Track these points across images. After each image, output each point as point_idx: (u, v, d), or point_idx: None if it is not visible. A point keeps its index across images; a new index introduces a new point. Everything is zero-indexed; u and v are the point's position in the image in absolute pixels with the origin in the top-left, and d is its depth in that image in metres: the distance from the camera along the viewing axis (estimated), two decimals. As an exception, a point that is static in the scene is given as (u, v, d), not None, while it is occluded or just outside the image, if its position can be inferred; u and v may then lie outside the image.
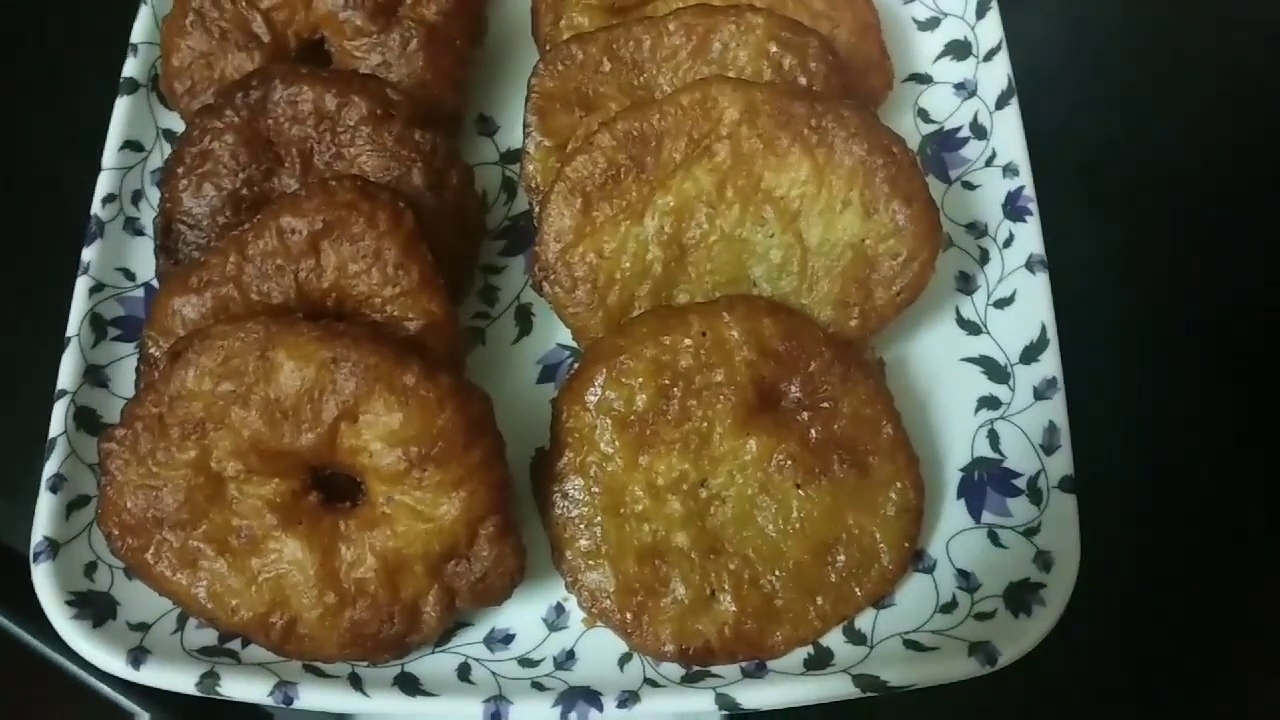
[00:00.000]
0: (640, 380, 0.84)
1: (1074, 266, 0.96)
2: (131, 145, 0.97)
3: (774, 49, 0.92)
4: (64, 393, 0.86)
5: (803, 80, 0.92)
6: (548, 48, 0.97)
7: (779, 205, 0.88)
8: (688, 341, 0.84)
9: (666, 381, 0.84)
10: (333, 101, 0.86)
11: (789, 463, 0.83)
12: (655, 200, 0.88)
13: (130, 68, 0.98)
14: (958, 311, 0.95)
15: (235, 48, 0.91)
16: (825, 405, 0.85)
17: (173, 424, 0.76)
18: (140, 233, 0.95)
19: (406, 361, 0.76)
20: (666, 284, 0.89)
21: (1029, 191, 0.95)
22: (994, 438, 0.90)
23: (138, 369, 0.83)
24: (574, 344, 0.93)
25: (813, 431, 0.84)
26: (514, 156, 1.02)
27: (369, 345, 0.75)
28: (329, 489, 0.80)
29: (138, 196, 0.96)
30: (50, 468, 0.83)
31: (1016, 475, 0.87)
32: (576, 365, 0.92)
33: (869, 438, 0.85)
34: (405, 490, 0.77)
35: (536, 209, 0.93)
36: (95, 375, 0.88)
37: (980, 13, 1.03)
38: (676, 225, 0.88)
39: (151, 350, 0.81)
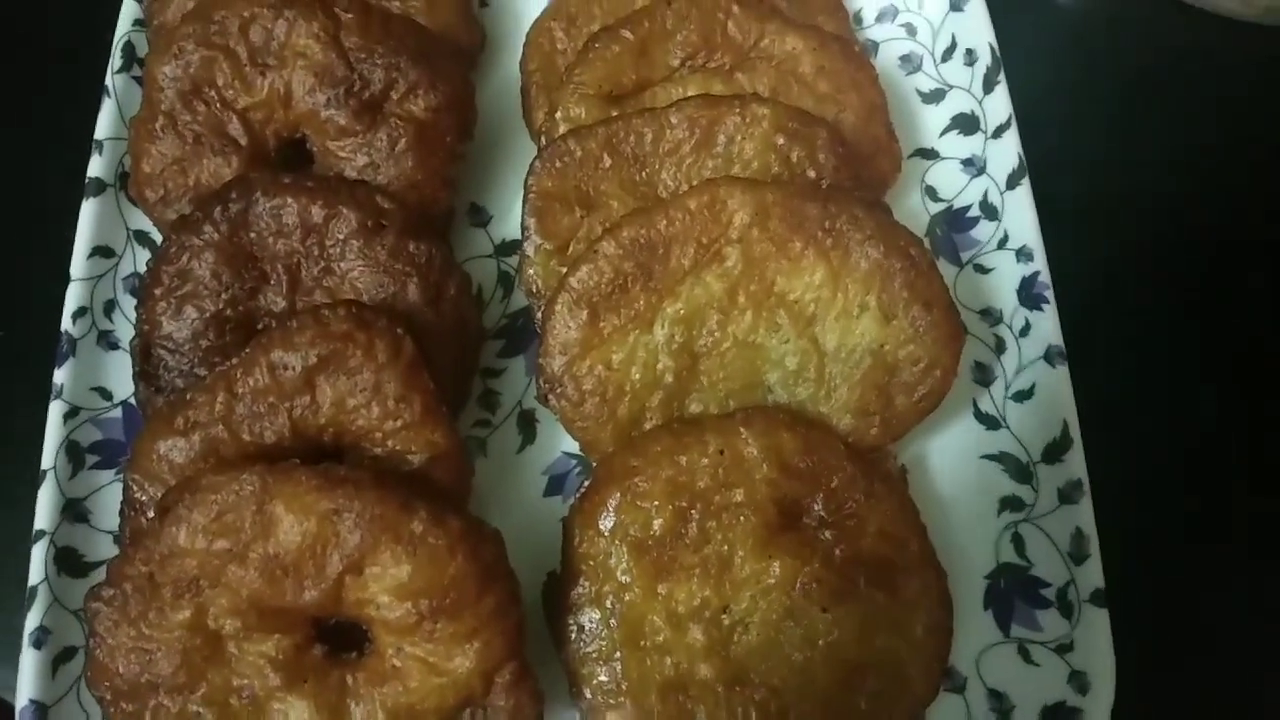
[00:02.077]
0: (656, 503, 0.80)
1: (1093, 355, 0.93)
2: (101, 251, 0.91)
3: (781, 141, 0.88)
4: (42, 533, 0.81)
5: (811, 173, 0.88)
6: (543, 141, 0.92)
7: (793, 310, 0.84)
8: (705, 461, 0.80)
9: (684, 503, 0.80)
10: (320, 213, 0.81)
11: (814, 585, 0.80)
12: (664, 308, 0.84)
13: (96, 167, 0.92)
14: (975, 405, 0.92)
15: (210, 152, 0.85)
16: (849, 522, 0.81)
17: (164, 583, 0.71)
18: (115, 346, 0.89)
19: (413, 507, 0.71)
20: (679, 393, 0.85)
21: (1045, 278, 0.93)
22: (1019, 542, 0.87)
23: (121, 509, 0.78)
24: (581, 452, 0.89)
25: (837, 551, 0.81)
26: (509, 248, 0.97)
27: (372, 492, 0.71)
28: (333, 635, 0.76)
29: (110, 307, 0.90)
30: (32, 620, 0.78)
31: (1045, 585, 0.84)
32: (586, 480, 0.88)
33: (895, 554, 0.82)
34: (416, 642, 0.72)
35: (538, 314, 0.89)
36: (74, 510, 0.83)
37: (988, 87, 0.99)
38: (687, 333, 0.84)
39: (136, 494, 0.76)
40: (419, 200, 0.87)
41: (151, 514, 0.76)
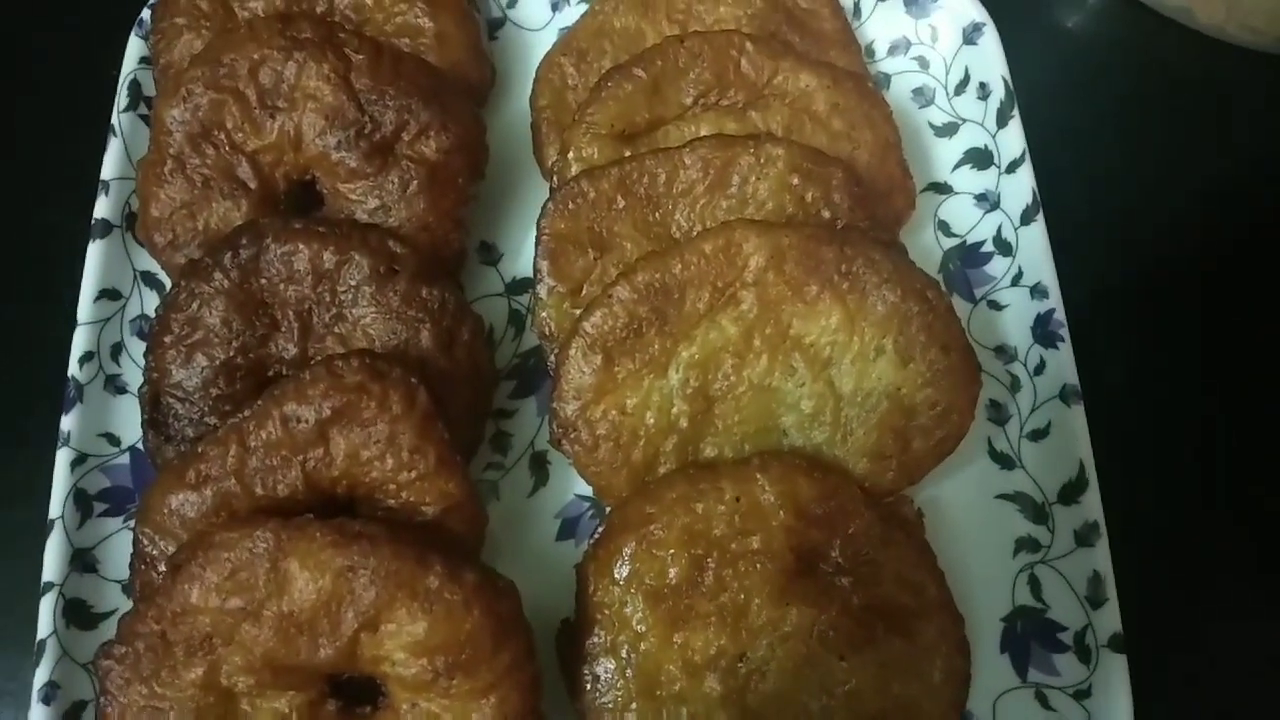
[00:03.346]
0: (672, 551, 0.79)
1: (1107, 390, 0.92)
2: (108, 294, 0.90)
3: (796, 181, 0.87)
4: (50, 585, 0.80)
5: (826, 213, 0.88)
6: (555, 181, 0.91)
7: (809, 354, 0.83)
8: (721, 508, 0.80)
9: (700, 551, 0.79)
10: (331, 259, 0.80)
11: (832, 633, 0.79)
12: (679, 352, 0.83)
13: (103, 208, 0.91)
14: (990, 444, 0.91)
15: (220, 195, 0.84)
16: (866, 568, 0.81)
17: (177, 641, 0.70)
18: (123, 391, 0.88)
19: (428, 562, 0.71)
20: (693, 438, 0.84)
21: (1060, 315, 0.92)
22: (1035, 584, 0.86)
23: (131, 562, 0.77)
24: (593, 495, 0.88)
25: (855, 597, 0.80)
26: (520, 286, 0.96)
27: (388, 548, 0.70)
28: (346, 688, 0.75)
29: (117, 350, 0.89)
30: (41, 675, 0.77)
31: (1062, 629, 0.84)
32: (599, 524, 0.87)
33: (912, 600, 0.81)
34: (432, 699, 0.72)
35: (551, 356, 0.88)
36: (83, 560, 0.82)
37: (1001, 121, 0.99)
38: (702, 377, 0.83)
39: (146, 547, 0.75)
40: (431, 242, 0.86)
41: (162, 567, 0.75)
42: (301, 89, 0.84)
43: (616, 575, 0.80)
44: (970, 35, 1.01)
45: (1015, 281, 0.95)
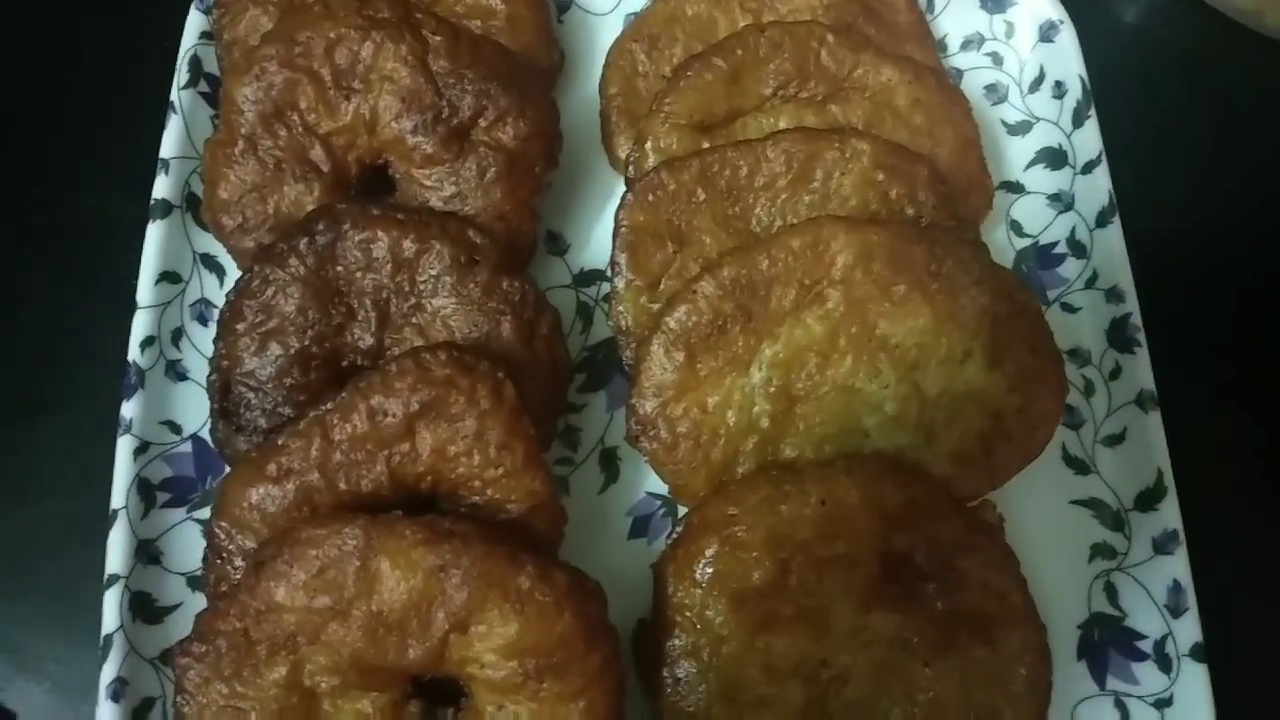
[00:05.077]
0: (756, 554, 0.78)
1: (1182, 398, 0.91)
2: (168, 277, 0.87)
3: (881, 177, 0.86)
4: (116, 578, 0.77)
5: (910, 211, 0.86)
6: (631, 172, 0.89)
7: (895, 355, 0.82)
8: (806, 511, 0.78)
9: (784, 555, 0.78)
10: (411, 247, 0.78)
11: (915, 639, 0.78)
12: (763, 350, 0.81)
13: (162, 188, 0.88)
14: (1064, 448, 0.90)
15: (291, 179, 0.82)
16: (951, 575, 0.79)
17: (260, 640, 0.68)
18: (184, 377, 0.86)
19: (519, 562, 0.69)
20: (773, 438, 0.83)
21: (1136, 320, 0.91)
22: (1111, 591, 0.86)
23: (205, 555, 0.74)
24: (664, 492, 0.86)
25: (939, 604, 0.79)
26: (588, 278, 0.94)
27: (480, 547, 0.68)
28: (427, 688, 0.73)
29: (178, 335, 0.86)
30: (109, 671, 0.74)
31: (1140, 637, 0.83)
32: (672, 523, 0.86)
33: (996, 607, 0.80)
34: (520, 701, 0.70)
35: (626, 351, 0.86)
36: (147, 551, 0.79)
37: (1077, 121, 0.97)
38: (785, 376, 0.82)
39: (222, 541, 0.72)
40: (506, 232, 0.83)
41: (239, 562, 0.72)
42: (378, 70, 0.81)
43: (698, 577, 0.78)
44: (1047, 33, 1.00)
45: (1089, 284, 0.94)
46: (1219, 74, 1.13)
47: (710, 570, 0.78)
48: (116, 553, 0.78)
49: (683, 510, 0.86)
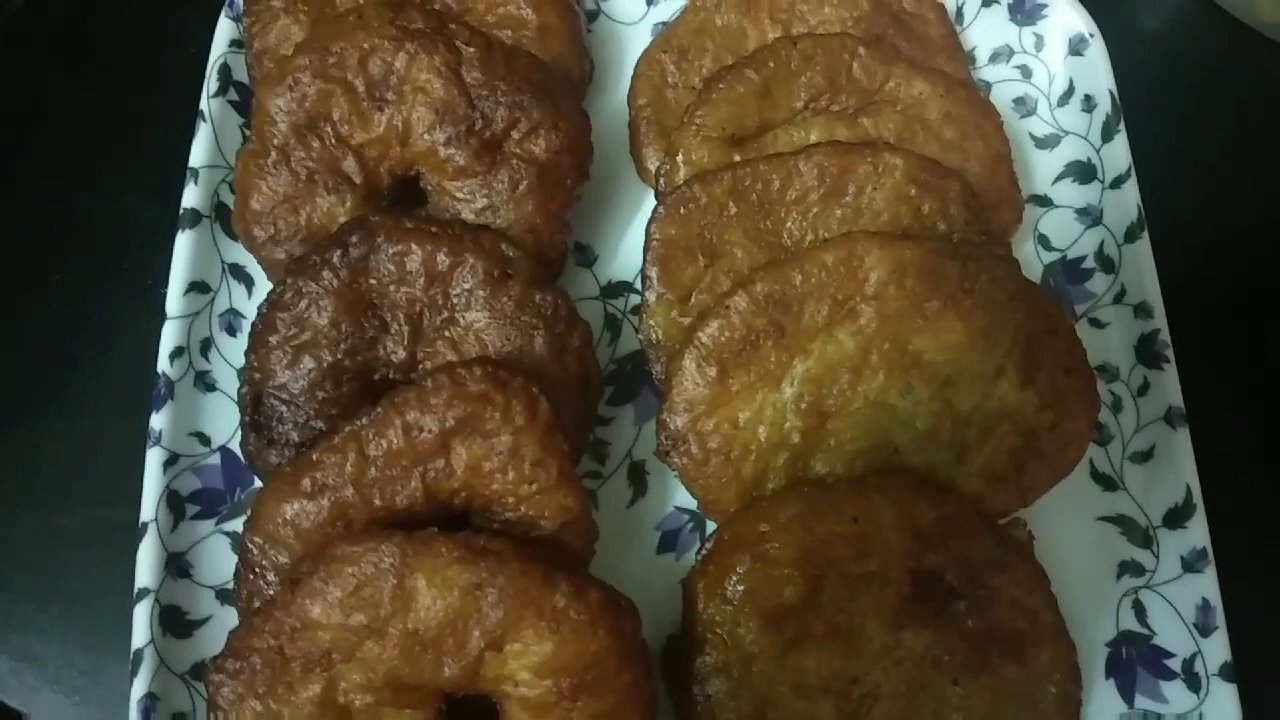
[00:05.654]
0: (787, 571, 0.77)
1: (1210, 415, 0.91)
2: (197, 287, 0.87)
3: (913, 192, 0.85)
4: (146, 591, 0.77)
5: (942, 226, 0.86)
6: (662, 184, 0.88)
7: (927, 371, 0.82)
8: (839, 529, 0.78)
9: (816, 572, 0.78)
10: (445, 261, 0.77)
11: (946, 657, 0.78)
12: (795, 366, 0.81)
13: (191, 197, 0.88)
14: (1092, 464, 0.90)
15: (324, 190, 0.81)
16: (982, 592, 0.79)
17: (295, 657, 0.68)
18: (212, 388, 0.85)
19: (554, 580, 0.69)
20: (804, 454, 0.82)
21: (1164, 336, 0.91)
22: (1140, 609, 0.85)
23: (237, 570, 0.74)
24: (692, 506, 0.86)
25: (970, 622, 0.79)
26: (615, 290, 0.94)
27: (515, 565, 0.68)
28: (460, 704, 0.73)
29: (207, 346, 0.86)
30: (139, 687, 0.74)
31: (1169, 655, 0.83)
32: (700, 537, 0.86)
33: (1027, 625, 0.80)
34: (553, 719, 0.70)
35: (656, 365, 0.86)
36: (177, 564, 0.79)
37: (1106, 135, 0.97)
38: (817, 392, 0.81)
39: (255, 557, 0.72)
40: (537, 244, 0.83)
41: (271, 577, 0.72)
42: (412, 81, 0.81)
43: (729, 593, 0.78)
44: (1076, 46, 0.99)
45: (1118, 299, 0.94)
46: (1243, 84, 1.13)
47: (741, 587, 0.78)
48: (146, 566, 0.78)
49: (711, 525, 0.85)
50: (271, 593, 0.72)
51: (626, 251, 0.94)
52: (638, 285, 0.92)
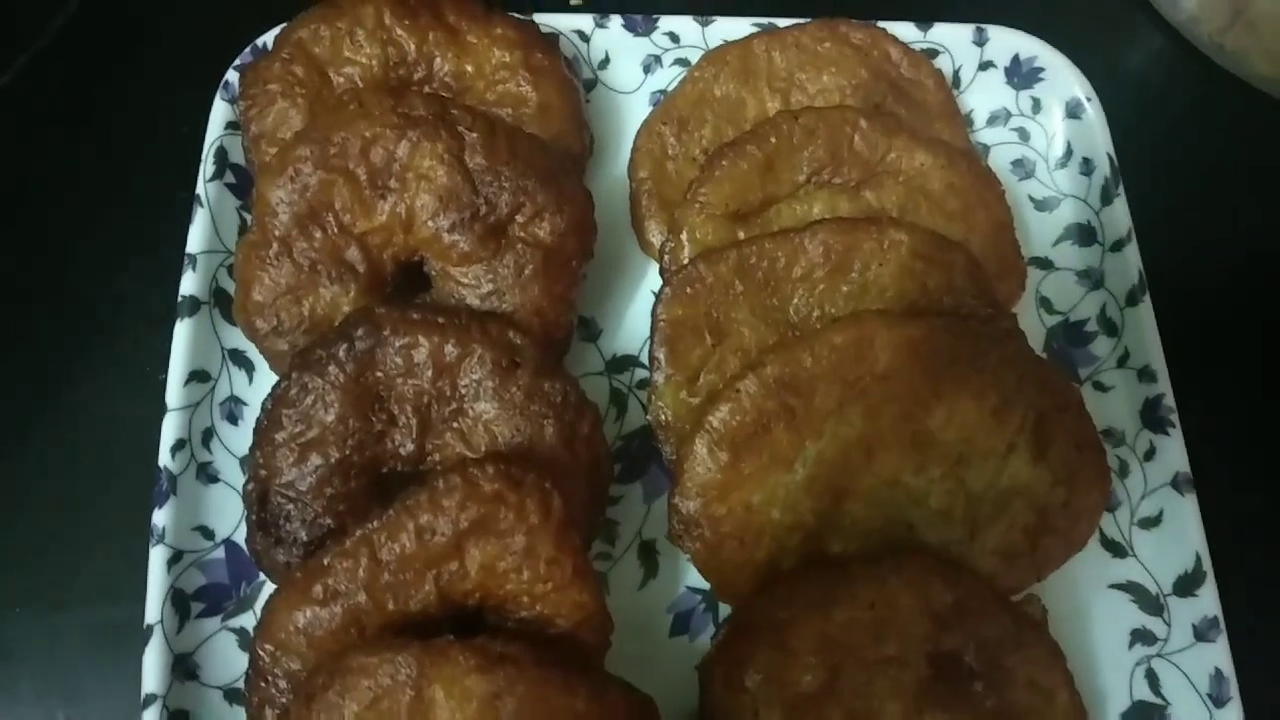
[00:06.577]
0: (806, 659, 0.77)
1: (1216, 479, 0.91)
2: (197, 376, 0.85)
3: (919, 267, 0.85)
4: (153, 698, 0.75)
5: (948, 299, 0.86)
6: (666, 262, 0.88)
7: (939, 450, 0.81)
8: (857, 614, 0.77)
9: (834, 659, 0.77)
10: (453, 352, 0.76)
11: (965, 740, 0.77)
12: (806, 447, 0.81)
13: (190, 284, 0.86)
14: (1101, 531, 0.90)
15: (327, 280, 0.80)
16: (999, 673, 0.79)
17: (312, 772, 0.66)
18: (215, 479, 0.84)
19: (573, 686, 0.68)
20: (818, 533, 0.82)
21: (1169, 401, 0.91)
22: (1153, 679, 0.85)
23: (247, 676, 0.73)
24: (704, 586, 0.85)
25: (987, 702, 0.78)
26: (620, 364, 0.93)
27: (534, 671, 0.67)
28: None
29: (208, 436, 0.85)
30: (150, 799, 0.72)
31: (1185, 727, 0.83)
32: (713, 619, 0.85)
33: (1044, 705, 0.79)
34: (575, 824, 0.69)
35: (667, 448, 0.85)
36: (184, 667, 0.78)
37: (1106, 199, 0.97)
38: (829, 473, 0.81)
39: (267, 664, 0.71)
40: (543, 327, 0.82)
41: (283, 684, 0.71)
42: (414, 169, 0.80)
43: (747, 682, 0.77)
44: (1074, 109, 1.00)
45: (1121, 363, 0.94)
46: (1250, 145, 1.13)
47: (760, 676, 0.77)
48: (153, 671, 0.76)
49: (724, 606, 0.85)
50: (284, 700, 0.70)
51: (631, 325, 0.94)
52: (643, 359, 0.92)
